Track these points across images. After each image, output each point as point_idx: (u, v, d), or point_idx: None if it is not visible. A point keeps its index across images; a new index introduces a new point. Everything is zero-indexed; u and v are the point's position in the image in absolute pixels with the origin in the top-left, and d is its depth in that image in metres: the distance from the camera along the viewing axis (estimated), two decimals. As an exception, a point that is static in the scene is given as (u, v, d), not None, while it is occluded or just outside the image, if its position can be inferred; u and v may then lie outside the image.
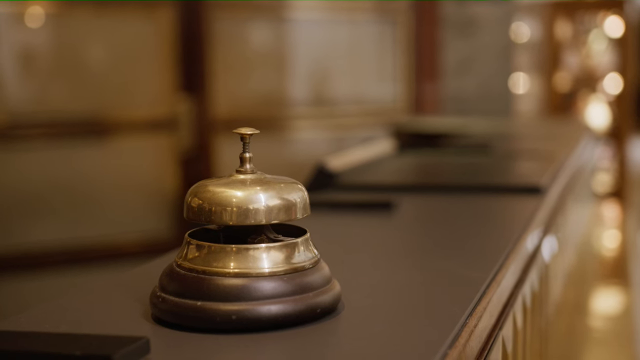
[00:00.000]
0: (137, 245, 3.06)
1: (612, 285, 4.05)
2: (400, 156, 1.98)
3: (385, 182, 1.57)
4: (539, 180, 1.46)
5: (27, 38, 2.93)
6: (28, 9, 2.92)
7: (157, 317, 0.69)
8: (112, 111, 3.05)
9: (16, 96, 2.92)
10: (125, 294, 0.77)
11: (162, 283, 0.69)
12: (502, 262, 0.91)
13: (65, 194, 2.95)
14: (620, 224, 5.69)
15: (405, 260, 0.98)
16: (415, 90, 3.76)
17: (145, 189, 3.13)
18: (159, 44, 3.10)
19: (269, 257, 0.67)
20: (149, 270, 0.84)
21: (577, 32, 6.75)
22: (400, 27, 3.72)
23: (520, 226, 1.12)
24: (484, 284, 0.80)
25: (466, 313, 0.71)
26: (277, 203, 0.68)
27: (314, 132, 3.53)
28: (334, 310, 0.70)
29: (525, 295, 1.02)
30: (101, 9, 3.02)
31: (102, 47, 3.08)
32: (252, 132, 0.71)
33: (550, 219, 1.35)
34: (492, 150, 2.01)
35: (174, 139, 3.14)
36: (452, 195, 1.41)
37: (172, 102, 3.13)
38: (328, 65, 3.59)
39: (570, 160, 1.93)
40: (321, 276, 0.69)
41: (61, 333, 0.66)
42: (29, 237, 2.88)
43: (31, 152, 2.91)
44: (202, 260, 0.67)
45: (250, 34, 3.41)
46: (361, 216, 1.23)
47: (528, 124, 3.85)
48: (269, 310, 0.65)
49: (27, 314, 0.72)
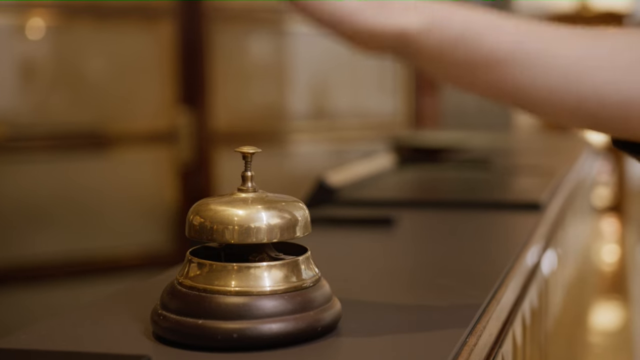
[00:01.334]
0: (137, 258, 3.06)
1: (611, 300, 4.06)
2: (400, 171, 1.99)
3: (385, 198, 1.57)
4: (539, 196, 1.46)
5: (27, 50, 2.93)
6: (29, 21, 2.93)
7: (158, 335, 0.69)
8: (112, 123, 3.05)
9: (16, 108, 2.92)
10: (126, 311, 0.77)
11: (164, 301, 0.69)
12: (502, 279, 0.91)
13: (65, 206, 2.95)
14: (620, 238, 5.69)
15: (405, 277, 0.98)
16: (415, 104, 3.77)
17: (145, 201, 3.13)
18: (159, 57, 3.11)
19: (270, 275, 0.67)
20: (150, 286, 0.84)
21: (576, 46, 6.76)
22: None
23: (520, 242, 1.12)
24: (484, 302, 0.81)
25: (466, 332, 0.72)
26: (279, 222, 0.68)
27: (313, 145, 3.54)
28: (335, 328, 0.70)
29: (524, 311, 1.02)
30: (102, 22, 3.03)
31: (103, 59, 3.08)
32: (254, 151, 0.71)
33: (550, 235, 1.36)
34: (491, 165, 2.01)
35: (174, 152, 3.15)
36: (451, 211, 1.41)
37: (172, 115, 3.13)
38: (328, 78, 3.60)
39: (570, 175, 1.94)
40: (322, 294, 0.70)
41: (62, 351, 0.66)
42: (28, 249, 2.88)
43: (31, 164, 2.92)
44: (204, 279, 0.68)
45: (251, 47, 3.42)
46: (361, 232, 1.24)
47: (528, 138, 3.86)
48: (270, 329, 0.65)
49: (27, 330, 0.72)
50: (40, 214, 2.91)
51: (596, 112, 0.71)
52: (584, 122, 0.73)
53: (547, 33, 0.72)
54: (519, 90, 0.72)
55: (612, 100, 0.70)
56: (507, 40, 0.71)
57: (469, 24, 0.71)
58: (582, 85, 0.70)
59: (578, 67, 0.70)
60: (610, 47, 0.71)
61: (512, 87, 0.72)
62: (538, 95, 0.71)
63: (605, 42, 0.72)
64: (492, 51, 0.71)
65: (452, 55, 0.71)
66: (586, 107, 0.71)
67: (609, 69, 0.70)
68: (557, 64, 0.70)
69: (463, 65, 0.71)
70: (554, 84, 0.71)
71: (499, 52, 0.71)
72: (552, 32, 0.73)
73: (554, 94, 0.71)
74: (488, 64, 0.71)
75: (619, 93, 0.70)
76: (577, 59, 0.70)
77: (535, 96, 0.72)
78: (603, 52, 0.71)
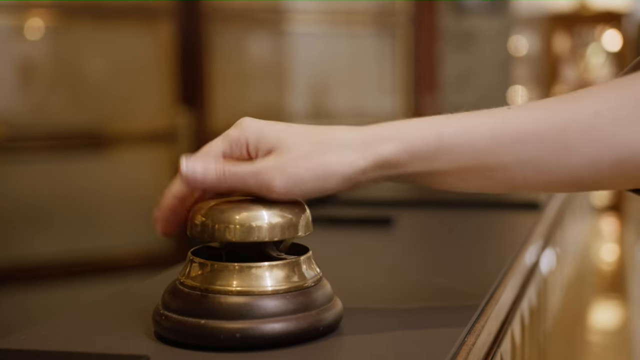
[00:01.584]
0: (137, 258, 3.06)
1: (610, 299, 4.06)
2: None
3: (384, 198, 1.58)
4: (538, 196, 1.46)
5: (27, 50, 2.94)
6: (28, 21, 2.93)
7: (159, 335, 0.69)
8: (112, 124, 3.06)
9: (16, 108, 2.92)
10: (126, 311, 0.77)
11: (165, 301, 0.69)
12: (500, 278, 0.91)
13: (64, 206, 2.95)
14: (619, 238, 5.70)
15: (404, 277, 0.98)
16: (414, 103, 3.78)
17: (144, 201, 3.13)
18: (158, 57, 3.11)
19: (272, 275, 0.68)
20: (150, 286, 0.84)
21: (575, 45, 6.78)
22: (399, 40, 3.73)
23: (518, 242, 1.12)
24: (483, 302, 0.81)
25: (465, 331, 0.72)
26: (280, 221, 0.69)
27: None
28: (337, 327, 0.71)
29: (523, 310, 1.02)
30: (101, 22, 3.03)
31: (102, 59, 3.09)
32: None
33: (549, 234, 1.36)
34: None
35: (173, 152, 3.15)
36: (450, 211, 1.42)
37: (171, 115, 3.13)
38: (327, 78, 3.60)
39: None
40: (323, 294, 0.70)
41: (62, 351, 0.66)
42: (28, 249, 2.88)
43: (31, 165, 2.92)
44: (205, 279, 0.68)
45: (250, 47, 3.42)
46: (360, 232, 1.24)
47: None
48: (273, 329, 0.65)
49: (27, 330, 0.72)
50: (40, 214, 2.91)
51: (593, 178, 0.69)
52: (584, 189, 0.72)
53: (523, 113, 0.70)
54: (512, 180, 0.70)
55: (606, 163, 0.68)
56: (485, 137, 0.69)
57: (442, 133, 0.69)
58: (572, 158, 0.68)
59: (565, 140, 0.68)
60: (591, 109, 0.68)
61: (503, 179, 0.70)
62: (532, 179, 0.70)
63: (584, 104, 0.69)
64: (474, 153, 0.69)
65: (437, 167, 0.70)
66: (582, 176, 0.69)
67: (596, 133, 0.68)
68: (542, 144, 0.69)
69: (451, 173, 0.71)
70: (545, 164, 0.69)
71: (480, 152, 0.69)
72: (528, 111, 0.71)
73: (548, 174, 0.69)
74: (474, 166, 0.70)
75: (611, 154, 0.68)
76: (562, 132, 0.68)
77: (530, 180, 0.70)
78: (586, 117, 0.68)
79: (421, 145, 0.69)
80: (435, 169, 0.70)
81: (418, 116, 0.73)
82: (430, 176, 0.71)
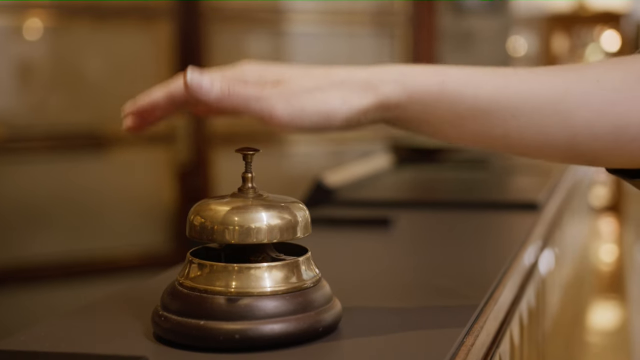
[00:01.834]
0: (135, 259, 3.06)
1: (609, 300, 4.06)
2: (397, 171, 1.99)
3: (383, 198, 1.58)
4: (536, 196, 1.47)
5: (25, 51, 2.94)
6: (26, 21, 2.93)
7: (158, 336, 0.69)
8: (111, 124, 3.05)
9: (15, 109, 2.92)
10: (125, 312, 0.77)
11: (164, 302, 0.70)
12: (499, 279, 0.91)
13: (64, 206, 2.95)
14: (617, 238, 5.70)
15: (402, 277, 0.99)
16: (412, 104, 3.77)
17: (143, 202, 3.14)
18: (157, 57, 3.11)
19: (271, 276, 0.68)
20: (149, 287, 0.85)
21: (573, 46, 6.78)
22: (398, 40, 3.73)
23: (517, 242, 1.13)
24: (481, 302, 0.81)
25: (463, 332, 0.72)
26: (279, 222, 0.69)
27: (311, 146, 3.54)
28: (336, 328, 0.71)
29: (522, 311, 1.02)
30: (99, 22, 3.03)
31: (101, 59, 3.09)
32: (254, 151, 0.72)
33: (548, 235, 1.36)
34: (489, 165, 2.02)
35: (172, 152, 3.15)
36: (449, 212, 1.42)
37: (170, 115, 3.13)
38: (326, 78, 3.60)
39: (567, 174, 1.94)
40: (322, 295, 0.70)
41: (62, 352, 0.66)
42: (27, 249, 2.88)
43: (30, 165, 2.92)
44: (205, 279, 0.68)
45: (249, 47, 3.42)
46: (359, 233, 1.24)
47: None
48: (272, 330, 0.66)
49: (27, 332, 0.72)
50: (39, 215, 2.91)
51: (590, 145, 0.70)
52: (578, 158, 0.73)
53: (526, 75, 0.72)
54: (508, 136, 0.71)
55: (604, 130, 0.69)
56: (489, 89, 0.70)
57: (445, 81, 0.70)
58: (571, 120, 0.69)
59: (565, 102, 0.70)
60: (594, 77, 0.70)
61: (500, 133, 0.71)
62: (529, 138, 0.71)
63: (588, 73, 0.71)
64: (475, 102, 0.70)
65: (437, 114, 0.71)
66: (579, 141, 0.70)
67: (596, 99, 0.69)
68: (543, 103, 0.70)
69: (449, 121, 0.71)
70: (544, 124, 0.70)
71: (482, 101, 0.70)
72: (531, 74, 0.72)
73: (545, 134, 0.70)
74: (474, 115, 0.70)
75: (609, 122, 0.69)
76: (564, 94, 0.70)
77: (526, 139, 0.71)
78: (588, 84, 0.70)
79: (423, 89, 0.70)
80: (433, 116, 0.71)
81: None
82: (427, 123, 0.72)
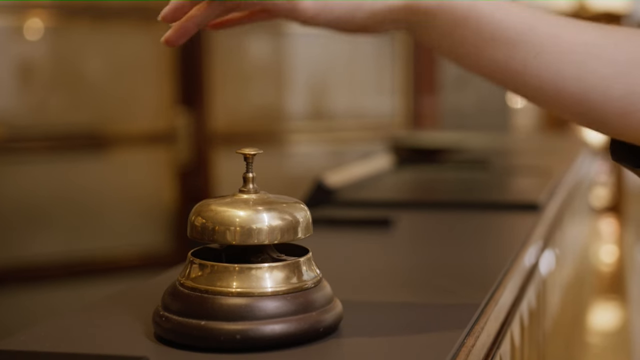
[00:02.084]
0: (135, 259, 3.06)
1: (609, 300, 4.06)
2: (398, 171, 1.99)
3: (384, 199, 1.58)
4: (537, 196, 1.47)
5: (26, 51, 2.93)
6: (27, 22, 2.93)
7: (159, 336, 0.69)
8: (111, 124, 3.05)
9: (15, 109, 2.92)
10: (126, 312, 0.77)
11: (165, 302, 0.69)
12: (500, 280, 0.91)
13: (64, 206, 2.95)
14: (618, 239, 5.70)
15: (403, 278, 0.99)
16: (413, 104, 3.78)
17: (144, 202, 3.14)
18: (157, 57, 3.11)
19: (272, 276, 0.68)
20: (150, 287, 0.85)
21: (574, 46, 6.77)
22: (398, 41, 3.73)
23: (518, 243, 1.13)
24: (482, 303, 0.81)
25: (464, 332, 0.72)
26: (280, 223, 0.69)
27: (312, 146, 3.54)
28: (336, 328, 0.71)
29: (522, 312, 1.02)
30: (100, 22, 3.03)
31: (101, 60, 3.09)
32: (256, 152, 0.72)
33: (548, 235, 1.36)
34: (490, 166, 2.02)
35: (173, 152, 3.15)
36: (450, 212, 1.42)
37: (170, 116, 3.13)
38: (326, 79, 3.60)
39: (568, 175, 1.94)
40: (323, 295, 0.70)
41: (62, 352, 0.66)
42: (28, 249, 2.88)
43: (29, 165, 2.92)
44: (205, 280, 0.68)
45: (249, 48, 3.42)
46: (359, 233, 1.24)
47: (526, 138, 3.86)
48: (273, 330, 0.66)
49: (27, 332, 0.72)
50: (39, 215, 2.91)
51: (601, 105, 0.71)
52: (587, 116, 0.73)
53: (557, 20, 0.73)
54: (525, 73, 0.71)
55: (616, 93, 0.70)
56: (518, 20, 0.71)
57: (479, 2, 0.71)
58: (588, 74, 0.70)
59: (586, 54, 0.70)
60: (614, 40, 0.71)
61: (519, 69, 0.71)
62: (544, 79, 0.71)
63: (609, 35, 0.72)
64: (502, 29, 0.70)
65: (461, 31, 0.71)
66: (591, 99, 0.70)
67: (614, 60, 0.70)
68: (567, 48, 0.70)
69: (471, 41, 0.71)
70: (562, 68, 0.70)
71: (509, 30, 0.70)
72: (561, 20, 0.73)
73: (560, 81, 0.70)
74: (496, 42, 0.71)
75: (623, 86, 0.69)
76: (586, 46, 0.70)
77: (542, 80, 0.71)
78: (610, 43, 0.71)
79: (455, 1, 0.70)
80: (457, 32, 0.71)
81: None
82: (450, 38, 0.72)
